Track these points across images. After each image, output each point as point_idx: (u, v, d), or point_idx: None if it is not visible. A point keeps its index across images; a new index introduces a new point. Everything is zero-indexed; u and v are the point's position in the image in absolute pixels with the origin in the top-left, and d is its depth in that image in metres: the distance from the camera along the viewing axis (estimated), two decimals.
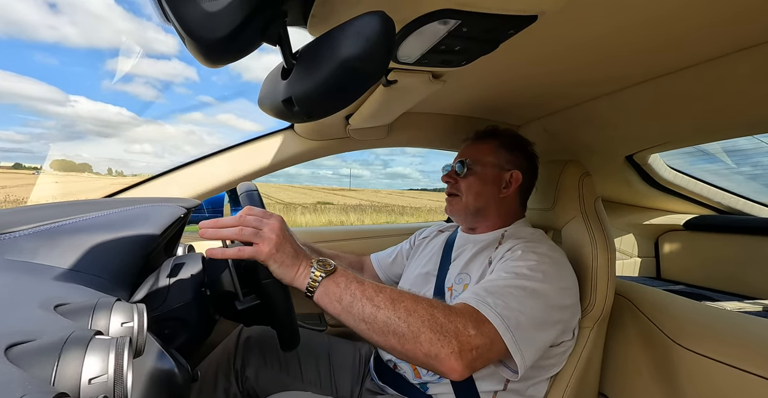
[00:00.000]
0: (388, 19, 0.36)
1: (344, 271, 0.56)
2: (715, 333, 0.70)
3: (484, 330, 0.54)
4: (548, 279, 0.63)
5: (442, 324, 0.52)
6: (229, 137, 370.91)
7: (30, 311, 0.32)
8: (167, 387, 0.41)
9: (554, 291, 0.63)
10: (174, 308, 0.58)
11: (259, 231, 0.54)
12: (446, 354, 0.50)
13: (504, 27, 0.48)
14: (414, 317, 0.52)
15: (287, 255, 0.54)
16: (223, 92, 56.03)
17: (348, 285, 0.54)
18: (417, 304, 0.53)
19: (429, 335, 0.51)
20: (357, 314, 0.52)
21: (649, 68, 0.65)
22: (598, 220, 0.82)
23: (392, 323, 0.51)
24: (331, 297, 0.53)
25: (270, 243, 0.53)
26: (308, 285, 0.54)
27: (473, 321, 0.54)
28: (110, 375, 0.25)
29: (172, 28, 0.34)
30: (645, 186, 1.27)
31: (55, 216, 0.48)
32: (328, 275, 0.54)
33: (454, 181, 0.83)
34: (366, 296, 0.53)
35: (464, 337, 0.52)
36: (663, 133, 0.93)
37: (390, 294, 0.54)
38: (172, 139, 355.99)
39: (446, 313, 0.54)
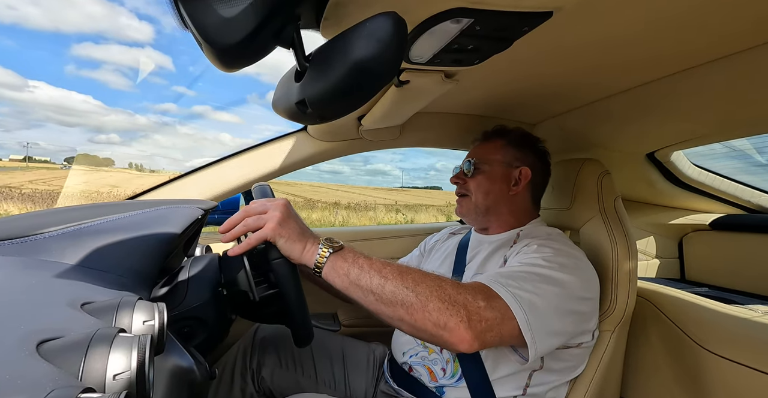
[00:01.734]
0: (400, 19, 0.36)
1: (351, 248, 0.57)
2: (745, 338, 0.67)
3: (494, 304, 0.54)
4: (566, 270, 0.61)
5: (450, 295, 0.52)
6: (204, 127, 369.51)
7: (59, 309, 0.33)
8: (187, 384, 0.42)
9: (572, 282, 0.61)
10: (192, 307, 0.59)
11: (263, 214, 0.56)
12: (455, 323, 0.50)
13: (518, 24, 0.47)
14: (422, 287, 0.52)
15: (293, 231, 0.55)
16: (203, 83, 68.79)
17: (356, 259, 0.55)
18: (425, 276, 0.54)
19: (437, 304, 0.51)
20: (365, 286, 0.53)
21: (671, 63, 0.63)
22: (618, 220, 0.79)
23: (400, 293, 0.51)
24: (338, 271, 0.54)
25: (274, 220, 0.54)
26: (316, 261, 0.55)
27: (483, 294, 0.54)
28: (133, 371, 0.26)
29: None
30: (667, 184, 1.23)
31: (81, 218, 0.50)
32: (336, 251, 0.55)
33: (462, 182, 0.83)
34: (374, 268, 0.54)
35: (473, 307, 0.52)
36: (685, 130, 0.89)
37: (398, 267, 0.55)
38: (142, 129, 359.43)
39: (455, 286, 0.54)
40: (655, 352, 0.82)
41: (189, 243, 0.78)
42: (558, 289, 0.59)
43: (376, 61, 0.35)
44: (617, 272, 0.75)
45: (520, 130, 0.85)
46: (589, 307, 0.64)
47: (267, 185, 0.66)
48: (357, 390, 0.81)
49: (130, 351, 0.27)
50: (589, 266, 0.68)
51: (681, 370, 0.77)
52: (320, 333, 0.88)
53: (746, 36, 0.53)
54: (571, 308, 0.60)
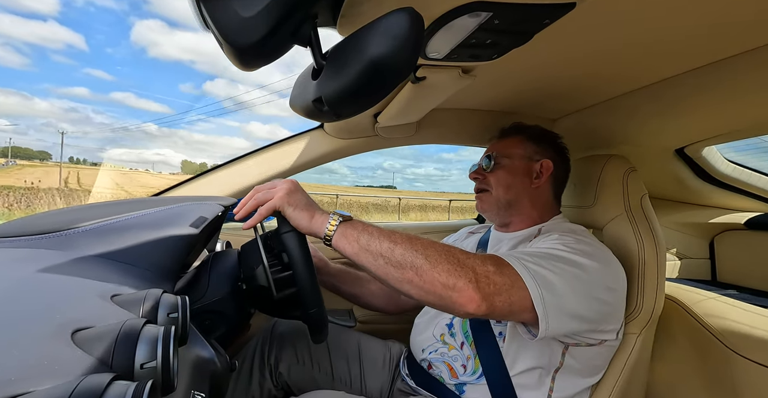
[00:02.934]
0: (416, 15, 0.35)
1: (360, 220, 0.59)
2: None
3: (504, 270, 0.54)
4: (588, 257, 0.60)
5: (459, 259, 0.53)
6: (124, 116, 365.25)
7: (91, 300, 0.35)
8: (209, 374, 0.44)
9: (595, 268, 0.59)
10: (213, 301, 0.61)
11: (272, 189, 0.60)
12: (464, 283, 0.51)
13: (539, 17, 0.46)
14: (431, 250, 0.53)
15: (300, 201, 0.59)
16: (123, 67, 63.43)
17: (365, 227, 0.57)
18: (434, 242, 0.55)
19: (446, 266, 0.52)
20: (375, 250, 0.54)
21: (702, 54, 0.59)
22: (645, 218, 0.76)
23: (410, 255, 0.53)
24: (348, 238, 0.56)
25: (282, 190, 0.58)
26: (326, 229, 0.57)
27: (493, 261, 0.55)
28: (159, 361, 0.27)
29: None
30: (698, 181, 1.17)
31: (111, 214, 0.52)
32: (345, 220, 0.58)
33: (482, 177, 0.81)
34: (383, 234, 0.55)
35: (482, 270, 0.52)
36: (718, 125, 0.84)
37: (407, 234, 0.56)
38: (43, 115, 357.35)
39: (464, 252, 0.55)
40: (684, 357, 0.78)
41: (209, 239, 0.80)
42: (578, 271, 0.57)
43: (392, 57, 0.35)
44: (644, 272, 0.72)
45: (538, 126, 0.84)
46: (614, 298, 0.62)
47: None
48: (373, 388, 0.82)
49: (156, 341, 0.28)
50: (614, 259, 0.65)
51: (711, 376, 0.73)
52: (336, 330, 0.89)
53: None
54: (592, 293, 0.58)
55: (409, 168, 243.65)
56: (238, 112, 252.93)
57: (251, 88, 34.92)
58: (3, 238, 0.46)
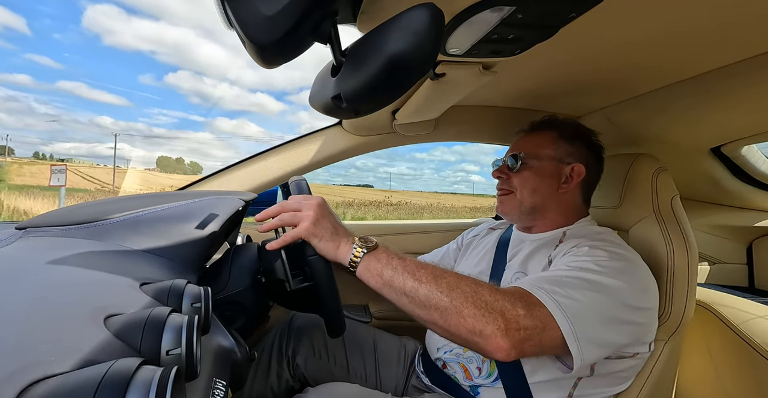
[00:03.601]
0: (437, 10, 0.35)
1: (385, 248, 0.58)
2: None
3: (535, 312, 0.50)
4: (619, 276, 0.57)
5: (487, 301, 0.50)
6: (73, 107, 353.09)
7: (122, 288, 0.37)
8: (229, 363, 0.45)
9: (627, 290, 0.56)
10: (234, 292, 0.63)
11: (298, 212, 0.58)
12: (491, 330, 0.48)
13: (564, 10, 0.44)
14: (457, 292, 0.51)
15: (326, 231, 0.57)
16: (72, 55, 57.17)
17: (389, 260, 0.55)
18: (460, 281, 0.52)
19: (473, 310, 0.49)
20: (398, 287, 0.53)
21: (745, 46, 0.55)
22: (675, 220, 0.72)
23: (434, 297, 0.51)
24: (372, 272, 0.55)
25: (308, 219, 0.56)
26: (350, 261, 0.56)
27: (523, 301, 0.51)
28: (183, 348, 0.29)
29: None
30: (736, 182, 1.09)
31: (139, 206, 0.55)
32: (370, 251, 0.56)
33: (506, 177, 0.78)
34: (407, 271, 0.53)
35: (511, 316, 0.49)
36: (759, 122, 0.79)
37: (432, 270, 0.54)
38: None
39: (492, 291, 0.51)
40: (716, 367, 0.75)
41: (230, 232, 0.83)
42: (609, 297, 0.55)
43: (412, 54, 0.35)
44: (673, 277, 0.69)
45: (572, 121, 0.79)
46: (647, 318, 0.59)
47: (303, 178, 0.68)
48: (387, 383, 0.82)
49: (180, 330, 0.30)
50: (646, 272, 0.62)
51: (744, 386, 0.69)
52: (352, 325, 0.90)
53: None
54: (624, 317, 0.56)
55: (382, 167, 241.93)
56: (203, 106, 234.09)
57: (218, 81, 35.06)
58: (44, 227, 0.50)
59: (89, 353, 0.25)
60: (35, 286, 0.33)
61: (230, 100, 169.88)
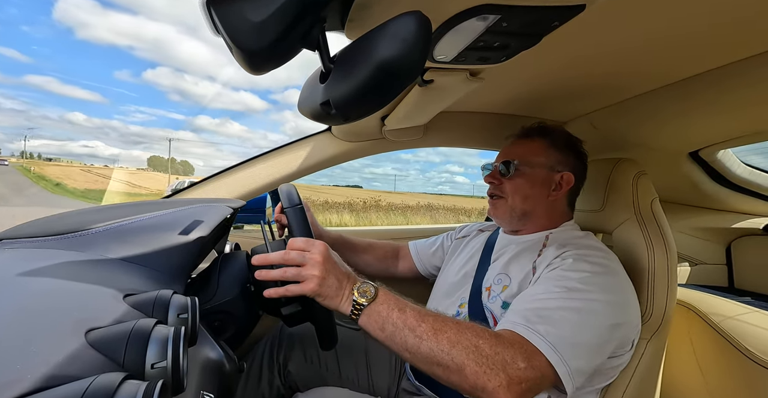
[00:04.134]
0: (424, 18, 0.35)
1: (385, 297, 0.56)
2: None
3: (534, 362, 0.52)
4: (604, 294, 0.59)
5: (488, 356, 0.50)
6: (42, 102, 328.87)
7: (104, 300, 0.36)
8: (218, 375, 0.44)
9: (610, 309, 0.59)
10: (222, 302, 0.62)
11: (302, 268, 0.56)
12: (493, 387, 0.49)
13: (548, 19, 0.46)
14: (457, 349, 0.51)
15: (330, 289, 0.56)
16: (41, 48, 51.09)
17: (389, 314, 0.55)
18: (460, 335, 0.52)
19: (474, 368, 0.50)
20: (400, 344, 0.53)
21: (719, 53, 0.58)
22: (655, 223, 0.75)
23: (436, 355, 0.51)
24: (374, 325, 0.55)
25: (314, 281, 0.55)
26: (351, 313, 0.56)
27: (523, 353, 0.52)
28: (169, 361, 0.28)
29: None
30: (713, 185, 1.14)
31: (124, 215, 0.53)
32: (370, 303, 0.55)
33: (498, 182, 0.79)
34: (408, 326, 0.53)
35: (512, 370, 0.50)
36: (735, 127, 0.82)
37: (432, 324, 0.53)
38: None
39: (492, 344, 0.52)
40: (698, 363, 0.76)
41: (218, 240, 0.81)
42: (597, 324, 0.57)
43: (400, 61, 0.35)
44: (654, 277, 0.71)
45: (562, 130, 0.81)
46: (626, 330, 0.62)
47: (292, 186, 0.68)
48: (380, 387, 0.82)
49: (166, 342, 0.29)
50: (627, 281, 0.65)
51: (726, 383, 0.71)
52: (344, 332, 0.89)
53: None
54: (608, 338, 0.58)
55: (368, 167, 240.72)
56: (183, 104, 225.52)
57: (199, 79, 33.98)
58: (21, 239, 0.48)
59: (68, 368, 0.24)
60: (10, 300, 0.32)
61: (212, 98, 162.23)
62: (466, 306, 0.74)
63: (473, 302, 0.74)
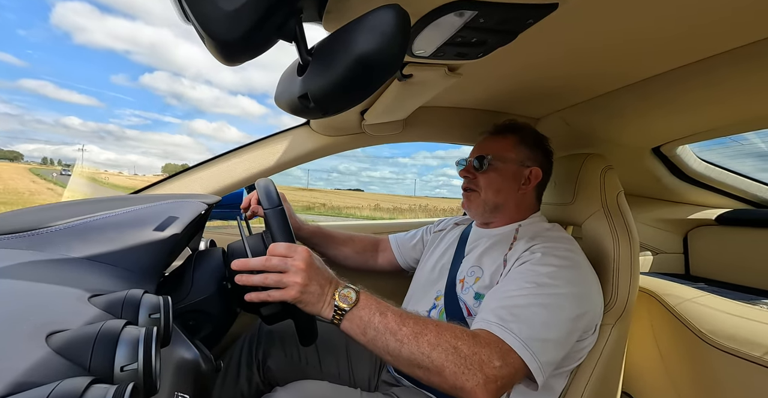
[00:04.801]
0: (402, 12, 0.35)
1: (367, 301, 0.57)
2: (747, 332, 0.67)
3: (509, 360, 0.55)
4: (570, 287, 0.63)
5: (466, 357, 0.53)
6: (36, 106, 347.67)
7: (67, 302, 0.34)
8: (193, 376, 0.43)
9: (576, 301, 0.62)
10: (197, 301, 0.60)
11: (284, 275, 0.55)
12: (471, 387, 0.52)
13: (523, 16, 0.47)
14: (437, 351, 0.53)
15: (312, 295, 0.56)
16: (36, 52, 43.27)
17: (371, 318, 0.55)
18: (440, 337, 0.54)
19: (453, 369, 0.52)
20: (381, 348, 0.54)
21: (679, 55, 0.61)
22: (620, 215, 0.79)
23: (416, 358, 0.53)
24: (355, 330, 0.56)
25: (295, 288, 0.54)
26: (333, 318, 0.56)
27: (498, 351, 0.55)
28: (140, 363, 0.27)
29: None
30: (673, 179, 1.21)
31: (87, 212, 0.50)
32: (351, 308, 0.56)
33: (472, 176, 0.82)
34: (389, 330, 0.54)
35: (489, 369, 0.53)
36: (693, 124, 0.88)
37: (413, 327, 0.55)
38: None
39: (470, 345, 0.54)
40: (658, 346, 0.82)
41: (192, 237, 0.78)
42: (564, 316, 0.60)
43: (379, 54, 0.35)
44: (618, 266, 0.75)
45: (531, 127, 0.86)
46: (588, 319, 0.66)
47: (270, 181, 0.66)
48: (360, 379, 0.83)
49: (137, 343, 0.28)
50: (592, 272, 0.69)
51: (683, 364, 0.77)
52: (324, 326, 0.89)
53: (756, 27, 0.52)
54: (572, 328, 0.62)
55: (365, 171, 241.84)
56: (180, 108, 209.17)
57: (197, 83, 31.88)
58: None
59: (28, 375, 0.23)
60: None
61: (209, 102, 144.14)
62: (442, 299, 0.76)
63: (449, 294, 0.76)
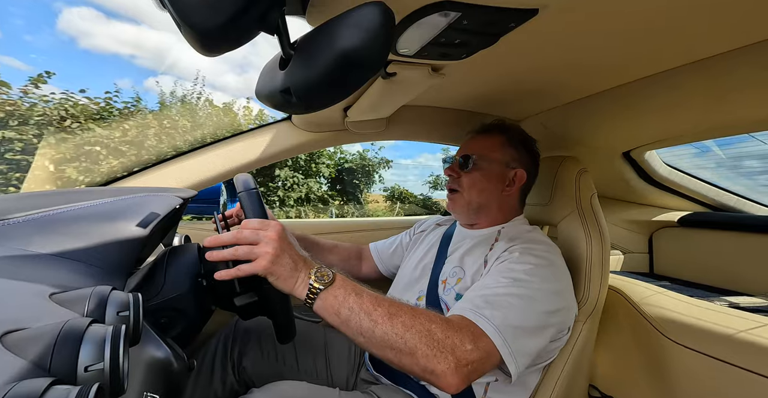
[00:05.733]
0: (387, 10, 0.35)
1: (342, 282, 0.56)
2: (702, 328, 0.72)
3: (480, 344, 0.55)
4: (545, 283, 0.64)
5: (439, 340, 0.53)
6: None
7: (25, 299, 0.32)
8: (164, 375, 0.42)
9: (550, 296, 0.64)
10: (170, 298, 0.58)
11: (255, 246, 0.53)
12: (442, 370, 0.51)
13: (505, 20, 0.48)
14: (411, 332, 0.52)
15: (285, 268, 0.54)
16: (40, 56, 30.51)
17: (346, 298, 0.54)
18: (414, 319, 0.54)
19: (425, 351, 0.52)
20: (355, 328, 0.53)
21: (649, 64, 0.65)
22: (593, 216, 0.82)
23: (389, 338, 0.52)
24: (329, 310, 0.54)
25: (266, 258, 0.52)
26: (307, 297, 0.54)
27: (470, 335, 0.55)
28: (106, 363, 0.26)
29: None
30: (641, 182, 1.28)
31: (50, 204, 0.48)
32: (326, 287, 0.54)
33: (456, 175, 0.82)
34: (364, 310, 0.54)
35: (461, 353, 0.53)
36: (661, 130, 0.93)
37: (388, 308, 0.54)
38: None
39: (443, 328, 0.54)
40: (625, 342, 0.87)
41: (166, 233, 0.76)
42: (537, 309, 0.62)
43: (363, 51, 0.35)
44: (590, 266, 0.78)
45: (519, 128, 0.86)
46: (565, 314, 0.68)
47: (249, 176, 0.65)
48: (338, 378, 0.82)
49: (103, 342, 0.26)
50: (566, 272, 0.71)
51: (646, 358, 0.82)
52: (302, 325, 0.88)
53: (720, 40, 0.55)
54: (549, 322, 0.63)
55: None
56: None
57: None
58: None
59: None
60: None
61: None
62: (424, 299, 0.77)
63: (430, 294, 0.76)
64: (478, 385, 0.68)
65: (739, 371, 0.64)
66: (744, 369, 0.64)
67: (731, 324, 0.70)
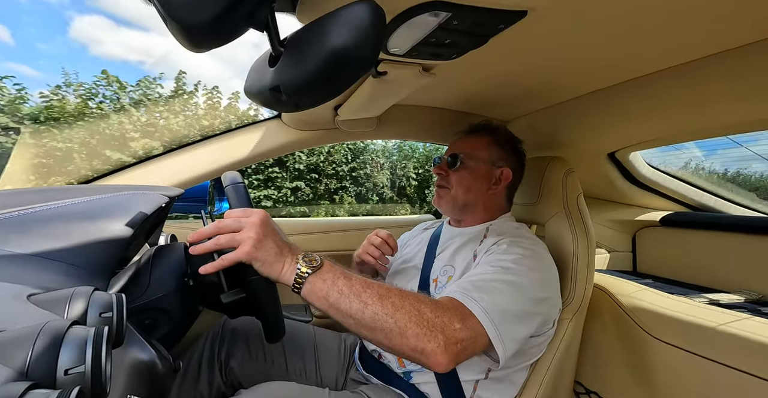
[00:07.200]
0: (378, 8, 0.35)
1: (331, 266, 0.56)
2: (684, 325, 0.74)
3: (468, 323, 0.56)
4: (532, 272, 0.65)
5: (428, 319, 0.53)
6: None
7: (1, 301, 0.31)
8: (148, 377, 0.41)
9: (537, 285, 0.65)
10: (155, 298, 0.57)
11: (237, 233, 0.52)
12: (432, 348, 0.52)
13: (494, 21, 0.48)
14: (401, 312, 0.53)
15: (269, 253, 0.53)
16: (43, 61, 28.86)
17: (335, 281, 0.54)
18: (404, 300, 0.54)
19: (415, 330, 0.52)
20: (344, 310, 0.53)
21: (633, 68, 0.67)
22: (580, 216, 0.84)
23: (379, 319, 0.52)
24: (318, 294, 0.53)
25: (248, 242, 0.51)
26: (294, 282, 0.53)
27: (459, 314, 0.56)
28: (88, 365, 0.25)
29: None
30: (625, 182, 1.31)
31: (29, 203, 0.46)
32: (315, 271, 0.54)
33: (445, 173, 0.84)
34: (353, 292, 0.53)
35: (449, 331, 0.53)
36: (645, 132, 0.95)
37: (377, 290, 0.54)
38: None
39: (432, 308, 0.55)
40: (609, 339, 0.89)
41: (153, 232, 0.74)
42: (524, 295, 0.63)
43: (354, 49, 0.35)
44: (577, 265, 0.80)
45: (505, 128, 0.88)
46: (548, 306, 0.69)
47: (237, 174, 0.64)
48: (328, 378, 0.82)
49: (84, 344, 0.26)
50: (552, 265, 0.72)
51: (630, 355, 0.84)
52: (292, 324, 0.87)
53: (702, 45, 0.57)
54: (536, 310, 0.65)
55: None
56: None
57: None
58: None
59: None
60: None
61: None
62: None
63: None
64: (467, 383, 0.69)
65: (719, 366, 0.67)
66: (724, 364, 0.66)
67: (710, 320, 0.72)
